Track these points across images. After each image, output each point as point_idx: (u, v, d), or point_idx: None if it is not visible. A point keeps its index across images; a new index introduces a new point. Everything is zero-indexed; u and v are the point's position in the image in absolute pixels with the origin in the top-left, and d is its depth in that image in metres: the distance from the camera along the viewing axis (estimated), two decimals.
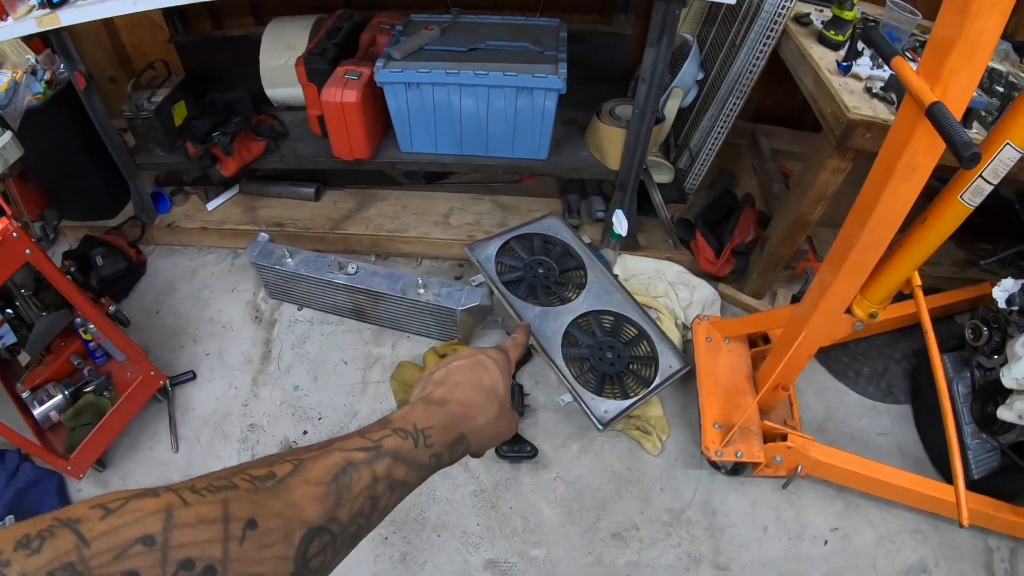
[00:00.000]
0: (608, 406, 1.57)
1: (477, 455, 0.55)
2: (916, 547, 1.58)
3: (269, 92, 2.09)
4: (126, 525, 0.27)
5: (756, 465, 1.56)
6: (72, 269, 1.94)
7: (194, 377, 1.80)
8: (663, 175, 2.15)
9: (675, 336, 1.83)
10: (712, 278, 2.04)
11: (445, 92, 1.80)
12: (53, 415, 1.62)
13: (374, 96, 1.85)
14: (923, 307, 1.28)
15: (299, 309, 1.98)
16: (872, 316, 1.31)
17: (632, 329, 1.77)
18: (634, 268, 2.03)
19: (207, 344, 1.89)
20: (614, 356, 1.68)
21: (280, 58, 2.01)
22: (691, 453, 1.69)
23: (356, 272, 1.80)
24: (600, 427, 1.52)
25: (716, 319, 1.80)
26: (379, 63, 1.76)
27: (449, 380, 0.54)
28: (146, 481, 1.62)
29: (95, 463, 1.60)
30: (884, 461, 1.73)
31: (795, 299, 2.02)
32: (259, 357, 1.86)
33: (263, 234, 1.90)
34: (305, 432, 1.70)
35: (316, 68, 1.85)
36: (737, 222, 1.98)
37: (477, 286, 1.78)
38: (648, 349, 1.73)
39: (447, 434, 0.49)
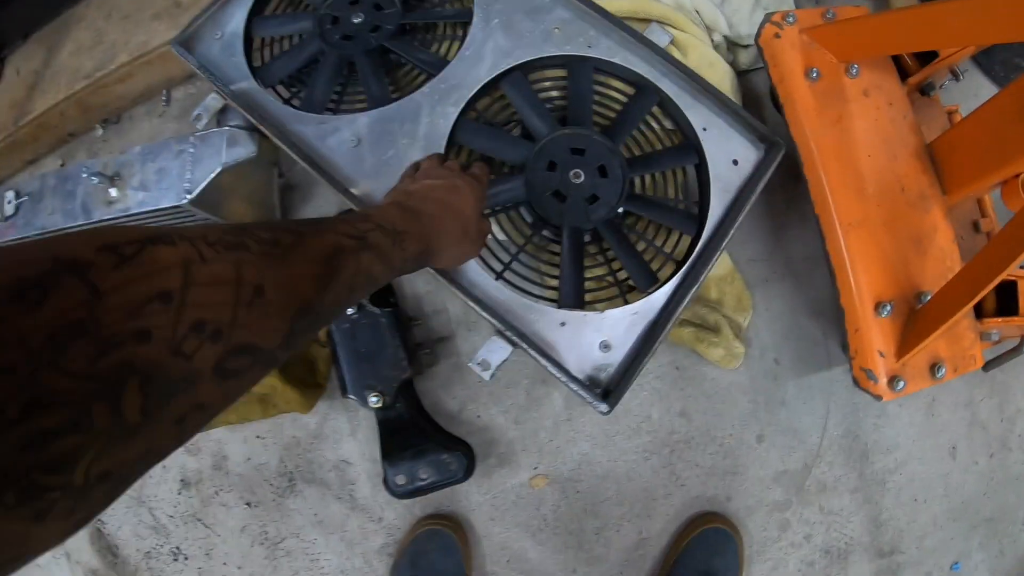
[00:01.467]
0: (607, 327, 0.61)
1: (434, 267, 0.55)
2: None
3: None
4: (145, 277, 0.23)
5: None
6: None
7: None
8: None
9: (722, 73, 0.77)
10: None
11: None
12: None
13: None
14: None
15: None
16: None
17: (614, 89, 0.71)
18: None
19: None
20: (590, 179, 0.65)
21: None
22: (802, 337, 0.77)
23: (17, 208, 0.74)
24: (604, 407, 0.57)
25: (811, 17, 0.72)
26: None
27: (423, 195, 0.52)
28: None
29: None
30: None
31: None
32: None
33: None
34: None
35: None
36: None
37: (221, 129, 0.70)
38: (668, 132, 0.70)
39: (418, 244, 0.46)
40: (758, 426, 0.74)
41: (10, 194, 0.80)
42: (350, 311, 0.71)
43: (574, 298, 0.62)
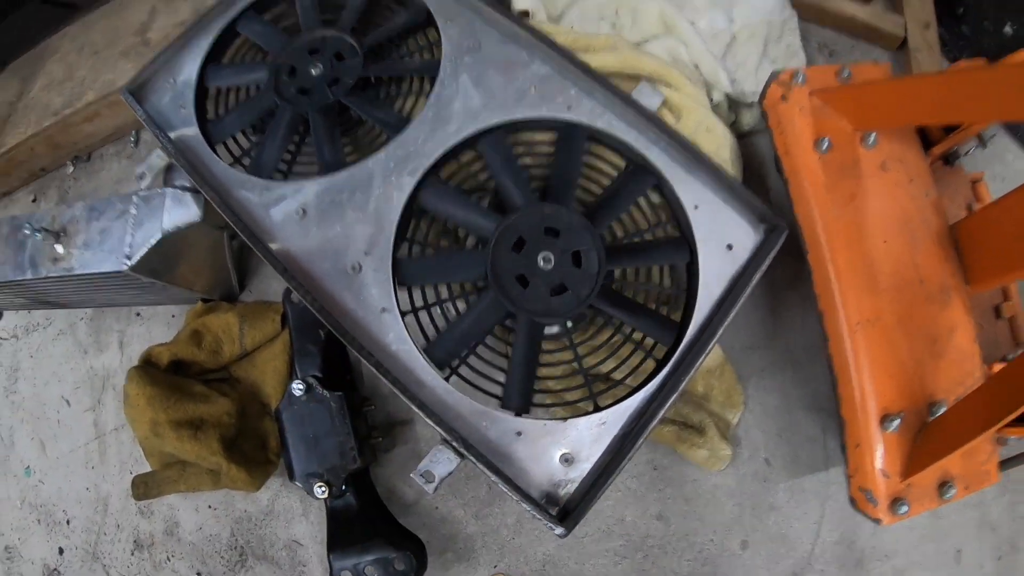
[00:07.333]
0: (571, 438, 0.50)
1: None
2: None
3: None
4: None
5: None
6: None
7: None
8: None
9: (720, 139, 0.65)
10: None
11: None
12: None
13: None
14: None
15: None
16: None
17: (603, 160, 0.60)
18: None
19: None
20: (560, 266, 0.54)
21: None
22: (798, 435, 0.66)
23: None
24: (560, 530, 0.47)
25: (823, 76, 0.60)
26: None
27: None
28: None
29: None
30: None
31: None
32: None
33: None
34: (61, 551, 0.84)
35: None
36: None
37: (164, 191, 0.62)
38: (655, 207, 0.59)
39: None
40: (743, 532, 0.63)
41: None
42: (298, 392, 0.61)
43: (519, 400, 0.51)
